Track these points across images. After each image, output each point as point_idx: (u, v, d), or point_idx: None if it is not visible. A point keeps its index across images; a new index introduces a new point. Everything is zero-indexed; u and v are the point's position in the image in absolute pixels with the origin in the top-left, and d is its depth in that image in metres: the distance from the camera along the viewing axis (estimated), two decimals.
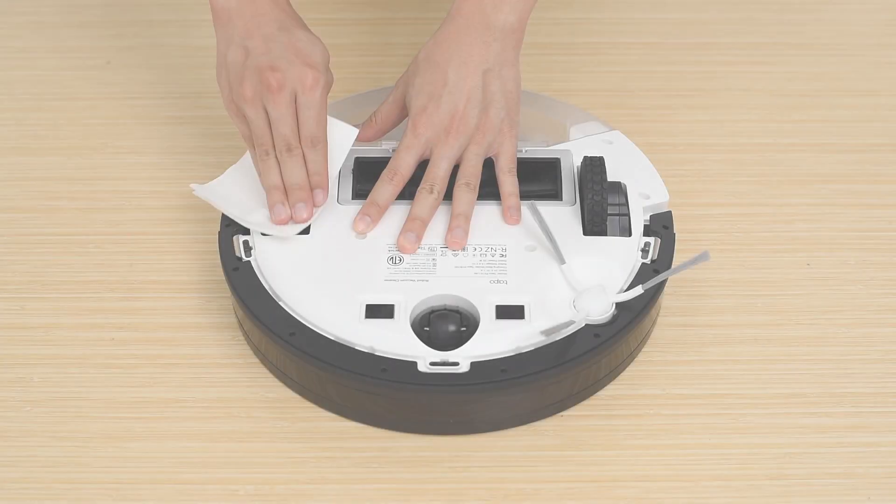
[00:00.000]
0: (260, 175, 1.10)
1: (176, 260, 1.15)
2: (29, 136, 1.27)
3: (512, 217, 1.09)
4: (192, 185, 1.10)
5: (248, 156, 1.13)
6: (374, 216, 1.09)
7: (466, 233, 1.08)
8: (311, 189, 1.08)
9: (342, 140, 1.11)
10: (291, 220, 1.08)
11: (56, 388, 1.06)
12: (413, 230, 1.08)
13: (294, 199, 1.08)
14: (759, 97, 1.30)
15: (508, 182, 1.11)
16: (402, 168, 1.10)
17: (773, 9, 1.40)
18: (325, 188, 1.08)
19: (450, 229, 1.08)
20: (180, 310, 1.12)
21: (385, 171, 1.11)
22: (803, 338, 1.10)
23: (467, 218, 1.09)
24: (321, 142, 1.08)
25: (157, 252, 1.16)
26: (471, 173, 1.10)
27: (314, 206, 1.08)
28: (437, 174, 1.10)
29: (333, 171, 1.11)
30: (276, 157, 1.08)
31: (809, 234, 1.17)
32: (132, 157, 1.25)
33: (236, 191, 1.11)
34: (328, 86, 1.09)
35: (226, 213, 1.10)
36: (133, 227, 1.18)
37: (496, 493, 1.00)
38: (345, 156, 1.11)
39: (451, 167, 1.11)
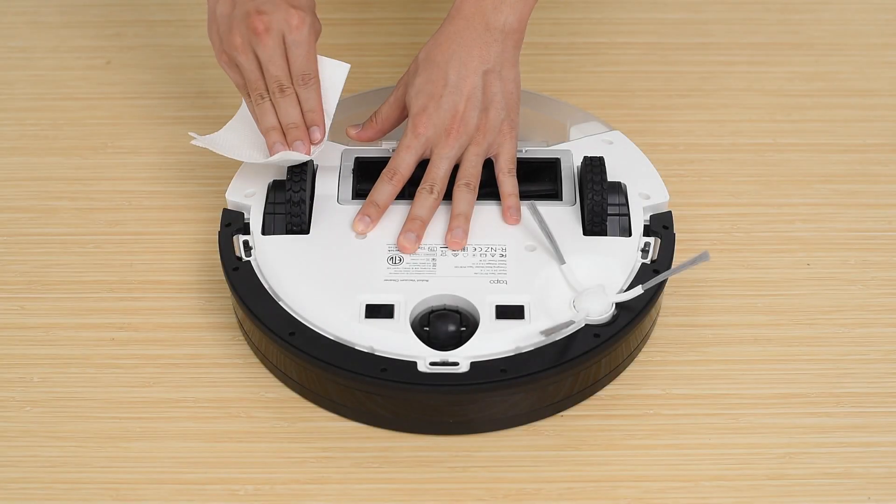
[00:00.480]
0: (257, 121, 1.10)
1: (176, 260, 1.15)
2: (29, 136, 1.27)
3: (512, 217, 1.09)
4: (191, 133, 1.11)
5: (244, 107, 1.13)
6: (373, 216, 1.09)
7: (466, 233, 1.08)
8: (308, 127, 1.08)
9: (335, 77, 1.11)
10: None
11: (56, 388, 1.06)
12: (413, 230, 1.08)
13: (291, 137, 1.08)
14: (758, 97, 1.30)
15: (508, 182, 1.11)
16: (401, 168, 1.10)
17: (773, 9, 1.40)
18: (322, 125, 1.09)
19: (450, 229, 1.08)
20: (180, 310, 1.12)
21: (385, 171, 1.11)
22: (803, 338, 1.10)
23: (467, 218, 1.09)
24: (312, 78, 1.09)
25: (157, 252, 1.16)
26: (471, 174, 1.10)
27: (311, 143, 1.09)
28: (437, 174, 1.10)
29: (330, 108, 1.11)
30: (271, 99, 1.09)
31: (809, 234, 1.17)
32: (132, 157, 1.25)
33: (237, 138, 1.12)
34: (315, 27, 1.10)
35: (228, 156, 1.10)
36: (133, 227, 1.18)
37: (496, 493, 1.00)
38: (339, 92, 1.11)
39: (451, 167, 1.11)
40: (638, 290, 1.04)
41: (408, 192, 1.11)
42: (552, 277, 1.06)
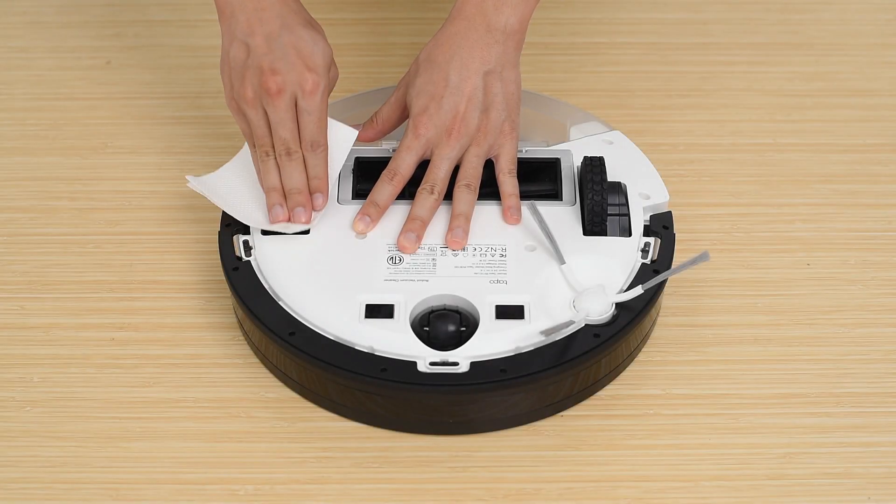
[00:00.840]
0: (259, 175, 1.10)
1: (176, 260, 1.15)
2: (29, 136, 1.27)
3: (512, 217, 1.09)
4: (188, 177, 1.10)
5: (245, 149, 1.13)
6: (373, 216, 1.09)
7: (466, 233, 1.08)
8: (311, 193, 1.08)
9: (342, 142, 1.11)
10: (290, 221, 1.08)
11: (56, 388, 1.06)
12: (413, 230, 1.08)
13: (293, 203, 1.08)
14: (758, 97, 1.30)
15: (508, 182, 1.11)
16: (402, 168, 1.10)
17: (774, 9, 1.40)
18: (325, 192, 1.08)
19: (450, 229, 1.08)
20: (180, 310, 1.12)
21: (385, 172, 1.11)
22: (803, 338, 1.10)
23: (467, 218, 1.09)
24: (321, 146, 1.08)
25: (157, 252, 1.16)
26: (471, 174, 1.10)
27: (314, 209, 1.08)
28: (438, 175, 1.10)
29: (334, 174, 1.11)
30: (276, 159, 1.08)
31: (809, 234, 1.17)
32: (132, 157, 1.25)
33: (234, 186, 1.11)
34: (330, 87, 1.09)
35: (222, 208, 1.10)
36: (133, 227, 1.18)
37: (496, 493, 1.00)
38: (345, 157, 1.11)
39: (452, 168, 1.11)
40: (638, 290, 1.04)
41: (408, 193, 1.12)
42: (552, 277, 1.06)
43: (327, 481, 1.01)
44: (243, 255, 1.08)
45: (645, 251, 1.08)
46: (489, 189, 1.12)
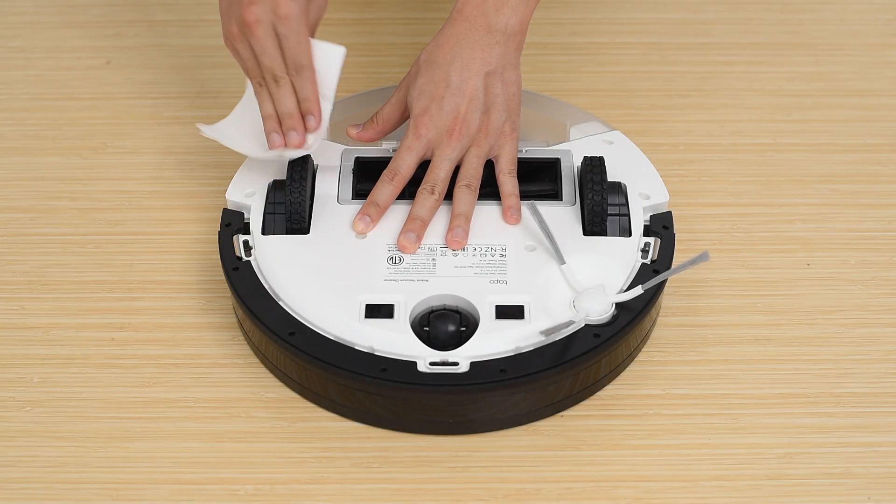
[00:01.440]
0: (259, 106, 1.10)
1: (176, 260, 1.15)
2: (29, 136, 1.27)
3: (512, 217, 1.09)
4: (199, 125, 1.11)
5: (249, 90, 1.14)
6: (373, 216, 1.09)
7: (467, 233, 1.08)
8: (304, 116, 1.08)
9: (331, 61, 1.10)
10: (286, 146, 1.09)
11: (56, 388, 1.06)
12: (413, 230, 1.08)
13: (286, 126, 1.08)
14: (758, 97, 1.30)
15: (508, 182, 1.11)
16: (402, 169, 1.10)
17: (774, 9, 1.40)
18: (316, 113, 1.09)
19: (450, 229, 1.08)
20: (180, 310, 1.12)
21: (385, 172, 1.11)
22: (803, 338, 1.10)
23: (468, 218, 1.09)
24: (305, 68, 1.08)
25: (157, 252, 1.16)
26: (471, 175, 1.10)
27: (308, 130, 1.08)
28: (439, 175, 1.10)
29: (328, 93, 1.10)
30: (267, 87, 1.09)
31: (809, 234, 1.17)
32: (132, 157, 1.25)
33: (240, 127, 1.11)
34: (312, 13, 1.09)
35: (232, 147, 1.10)
36: (133, 227, 1.18)
37: (496, 493, 1.00)
38: (337, 75, 1.10)
39: (453, 169, 1.11)
40: (638, 291, 1.04)
41: (408, 193, 1.12)
42: (552, 277, 1.06)
43: (327, 481, 1.01)
44: (243, 255, 1.08)
45: (645, 251, 1.08)
46: (489, 189, 1.12)
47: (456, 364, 1.01)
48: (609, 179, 1.11)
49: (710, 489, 1.00)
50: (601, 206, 1.08)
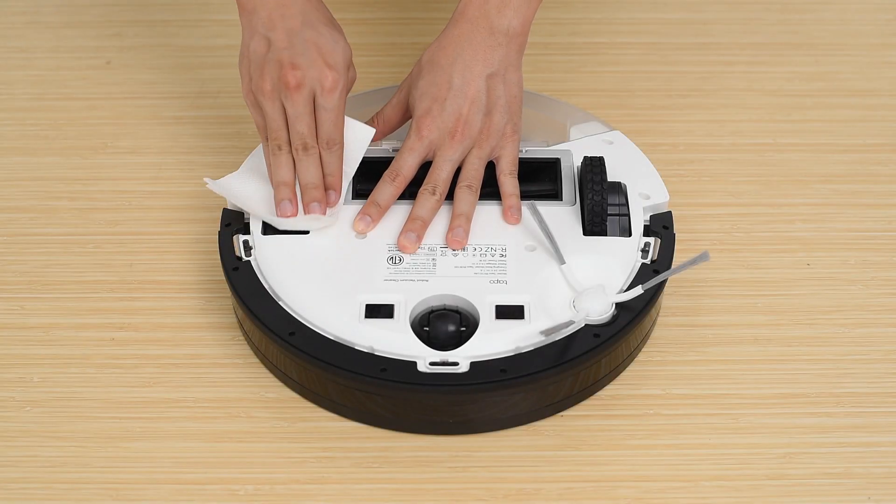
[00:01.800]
0: (270, 169, 1.10)
1: (176, 260, 1.15)
2: (29, 136, 1.27)
3: (512, 217, 1.09)
4: (206, 179, 1.10)
5: (258, 150, 1.13)
6: (374, 216, 1.09)
7: (467, 233, 1.08)
8: (326, 190, 1.08)
9: (359, 141, 1.11)
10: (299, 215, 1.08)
11: (56, 388, 1.06)
12: (414, 230, 1.08)
13: (308, 197, 1.08)
14: (758, 97, 1.30)
15: (509, 183, 1.11)
16: (404, 170, 1.10)
17: (773, 9, 1.40)
18: (339, 190, 1.09)
19: (450, 229, 1.08)
20: (180, 310, 1.12)
21: (387, 172, 1.11)
22: (803, 338, 1.10)
23: (468, 218, 1.09)
24: (337, 144, 1.09)
25: (157, 252, 1.16)
26: (473, 176, 1.11)
27: (328, 206, 1.08)
28: (440, 176, 1.10)
29: (350, 171, 1.11)
30: (290, 153, 1.08)
31: (809, 234, 1.17)
32: (132, 157, 1.25)
33: (249, 184, 1.11)
34: (348, 87, 1.10)
35: (243, 208, 1.10)
36: (133, 227, 1.18)
37: (496, 493, 1.00)
38: (361, 156, 1.11)
39: (454, 170, 1.11)
40: (638, 290, 1.04)
41: (408, 193, 1.12)
42: (552, 277, 1.06)
43: (327, 481, 1.01)
44: (243, 255, 1.08)
45: (645, 251, 1.08)
46: (489, 189, 1.12)
47: (456, 364, 1.01)
48: (609, 179, 1.11)
49: (710, 489, 1.00)
50: (601, 206, 1.08)
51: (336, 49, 1.08)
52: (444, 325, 1.03)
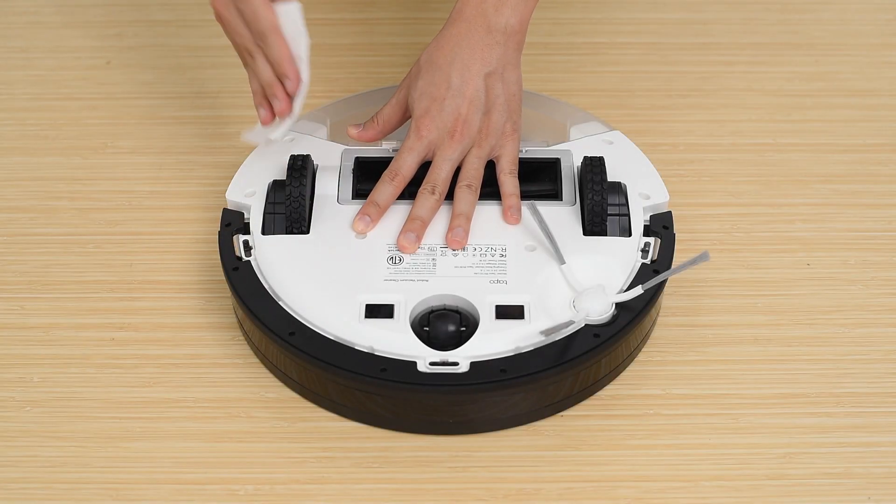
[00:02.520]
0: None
1: (176, 260, 1.15)
2: (29, 136, 1.27)
3: (512, 217, 1.09)
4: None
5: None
6: (373, 216, 1.09)
7: (467, 233, 1.08)
8: (281, 79, 1.08)
9: (292, 20, 1.09)
10: (276, 117, 1.10)
11: (56, 388, 1.06)
12: (413, 230, 1.08)
13: (269, 95, 1.09)
14: (758, 97, 1.30)
15: (509, 182, 1.11)
16: (403, 169, 1.10)
17: (773, 9, 1.40)
18: (292, 74, 1.08)
19: (450, 229, 1.08)
20: (180, 310, 1.12)
21: (386, 172, 1.11)
22: (803, 338, 1.10)
23: (468, 218, 1.09)
24: (269, 33, 1.08)
25: (157, 252, 1.16)
26: (472, 175, 1.11)
27: (289, 94, 1.08)
28: (440, 176, 1.10)
29: (300, 52, 1.09)
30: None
31: (809, 234, 1.17)
32: (132, 157, 1.25)
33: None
34: None
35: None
36: (133, 227, 1.18)
37: (496, 493, 1.00)
38: (304, 31, 1.09)
39: (454, 169, 1.11)
40: (638, 291, 1.04)
41: (408, 193, 1.12)
42: (552, 277, 1.06)
43: (327, 481, 1.01)
44: (243, 255, 1.08)
45: (645, 251, 1.08)
46: (489, 189, 1.12)
47: (456, 364, 1.01)
48: (609, 179, 1.11)
49: (710, 489, 1.00)
50: (601, 206, 1.08)
51: None
52: (444, 325, 1.03)
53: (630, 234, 1.09)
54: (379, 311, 1.04)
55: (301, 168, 1.10)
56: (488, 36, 1.10)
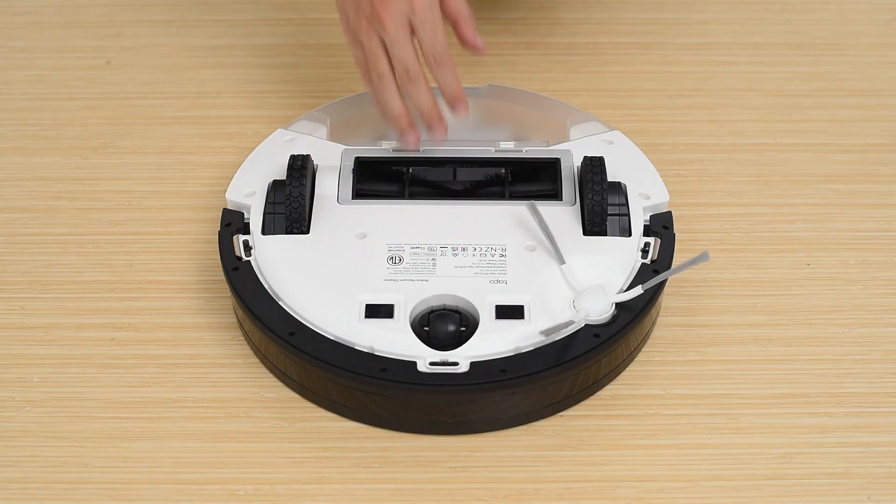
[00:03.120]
0: (378, 104, 1.08)
1: (176, 260, 1.15)
2: (29, 136, 1.27)
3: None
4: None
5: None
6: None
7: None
8: (454, 104, 1.06)
9: None
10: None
11: (56, 388, 1.06)
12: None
13: (426, 122, 1.06)
14: (758, 97, 1.30)
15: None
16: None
17: (773, 9, 1.40)
18: (465, 99, 1.06)
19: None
20: (180, 310, 1.12)
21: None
22: (803, 338, 1.10)
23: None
24: (444, 55, 1.07)
25: (157, 252, 1.16)
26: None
27: (460, 114, 1.06)
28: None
29: None
30: (394, 81, 1.07)
31: (809, 234, 1.17)
32: (132, 157, 1.25)
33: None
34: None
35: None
36: (133, 227, 1.18)
37: (496, 493, 1.00)
38: None
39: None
40: (638, 290, 1.04)
41: (408, 193, 1.12)
42: (552, 277, 1.06)
43: (327, 481, 1.01)
44: (243, 255, 1.08)
45: (645, 251, 1.08)
46: (489, 188, 1.13)
47: (456, 364, 1.01)
48: (609, 179, 1.11)
49: (710, 489, 1.00)
50: (601, 205, 1.08)
51: None
52: (444, 324, 1.03)
53: (630, 234, 1.09)
54: (379, 311, 1.04)
55: (301, 168, 1.10)
56: None
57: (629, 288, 1.05)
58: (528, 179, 1.14)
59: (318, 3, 1.38)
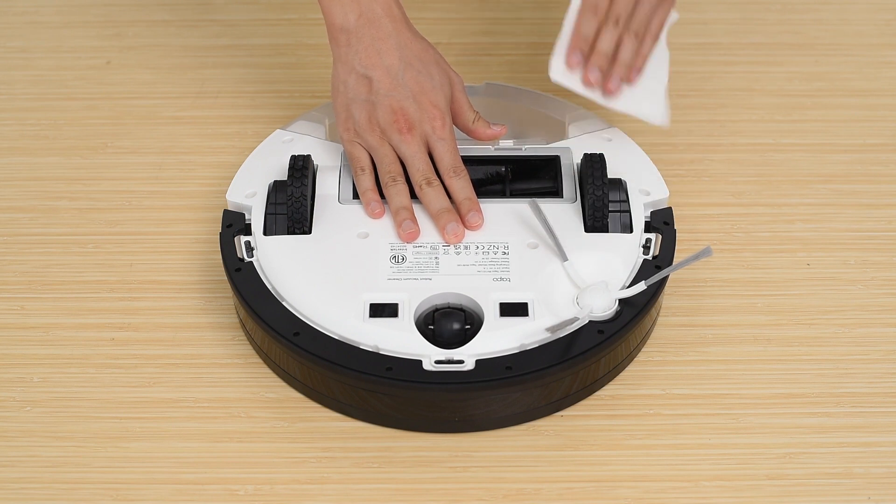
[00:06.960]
0: (389, 199, 1.10)
1: (176, 260, 1.15)
2: (29, 136, 1.27)
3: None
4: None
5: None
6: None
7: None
8: (465, 214, 1.08)
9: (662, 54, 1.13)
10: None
11: (56, 388, 1.06)
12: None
13: (443, 222, 1.08)
14: (759, 97, 1.30)
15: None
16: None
17: (773, 9, 1.40)
18: (479, 210, 1.09)
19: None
20: (180, 310, 1.12)
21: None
22: (803, 338, 1.10)
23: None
24: (461, 169, 1.10)
25: (157, 252, 1.16)
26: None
27: (472, 228, 1.08)
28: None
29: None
30: (404, 184, 1.10)
31: (809, 234, 1.18)
32: (132, 157, 1.25)
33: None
34: (454, 100, 1.12)
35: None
36: (133, 227, 1.18)
37: (496, 493, 1.00)
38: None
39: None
40: (641, 287, 1.04)
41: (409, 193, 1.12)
42: (555, 274, 1.06)
43: (327, 481, 1.01)
44: (245, 256, 1.08)
45: (646, 247, 1.08)
46: (488, 188, 1.13)
47: (461, 362, 1.01)
48: (609, 176, 1.11)
49: (710, 489, 1.00)
50: (602, 202, 1.08)
51: (435, 87, 1.10)
52: (449, 322, 1.03)
53: (631, 231, 1.09)
54: (383, 311, 1.04)
55: (302, 168, 1.10)
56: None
57: (632, 284, 1.05)
58: (529, 177, 1.14)
59: (315, 4, 1.38)
